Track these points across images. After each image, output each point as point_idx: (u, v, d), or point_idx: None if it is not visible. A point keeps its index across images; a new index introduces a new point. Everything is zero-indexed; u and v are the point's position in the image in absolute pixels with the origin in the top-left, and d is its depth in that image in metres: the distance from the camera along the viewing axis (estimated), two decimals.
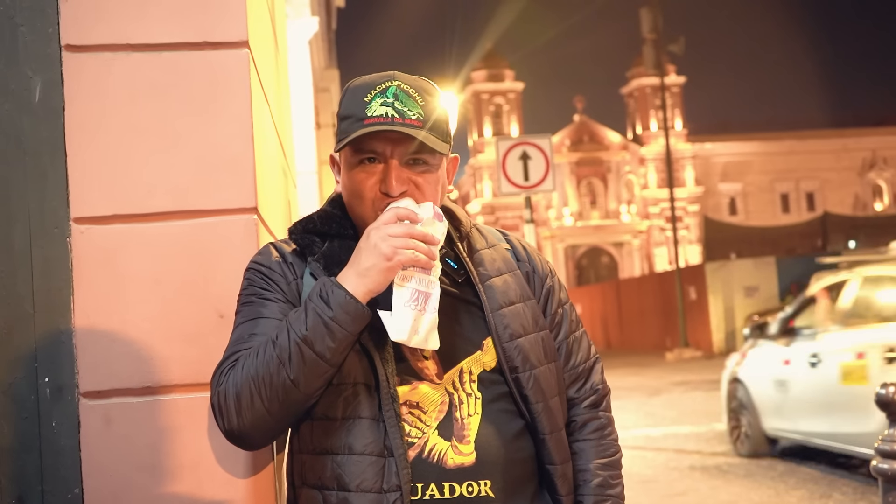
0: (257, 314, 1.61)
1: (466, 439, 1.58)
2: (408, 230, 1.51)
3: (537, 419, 1.65)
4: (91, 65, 1.82)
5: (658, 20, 29.58)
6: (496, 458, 1.59)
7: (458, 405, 1.60)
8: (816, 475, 7.33)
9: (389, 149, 1.60)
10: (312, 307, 1.50)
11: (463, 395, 1.61)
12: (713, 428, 10.34)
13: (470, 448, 1.58)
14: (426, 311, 1.55)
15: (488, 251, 1.76)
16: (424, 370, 1.62)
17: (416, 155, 1.62)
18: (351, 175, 1.65)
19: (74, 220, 1.80)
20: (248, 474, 1.80)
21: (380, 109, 1.59)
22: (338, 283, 1.51)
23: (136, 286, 1.80)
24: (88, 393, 1.78)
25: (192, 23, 1.84)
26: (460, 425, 1.59)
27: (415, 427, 1.58)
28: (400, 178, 1.61)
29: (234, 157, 1.85)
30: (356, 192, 1.64)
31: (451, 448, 1.58)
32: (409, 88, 1.62)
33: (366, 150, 1.61)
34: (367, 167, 1.62)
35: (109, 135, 1.82)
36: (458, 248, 1.74)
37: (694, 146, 61.82)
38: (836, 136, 64.50)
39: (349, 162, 1.65)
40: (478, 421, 1.60)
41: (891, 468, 3.30)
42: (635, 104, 63.88)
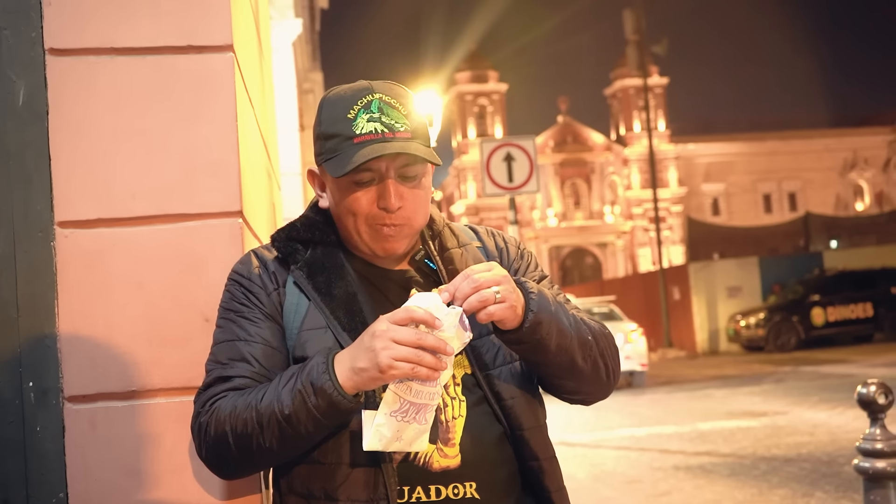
0: (235, 335, 1.60)
1: (451, 442, 1.58)
2: (418, 340, 1.41)
3: (512, 415, 1.63)
4: (75, 68, 1.82)
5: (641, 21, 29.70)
6: (481, 460, 1.59)
7: (443, 408, 1.59)
8: (799, 474, 7.37)
9: (385, 165, 1.58)
10: (299, 389, 1.46)
11: (447, 398, 1.61)
12: (697, 428, 10.39)
13: (455, 451, 1.58)
14: (416, 422, 1.47)
15: (458, 250, 1.74)
16: None
17: (409, 169, 1.60)
18: (344, 195, 1.61)
19: (59, 223, 1.80)
20: (234, 479, 1.80)
21: (367, 125, 1.56)
22: (330, 371, 1.45)
23: (121, 290, 1.80)
24: (73, 397, 1.78)
25: (176, 26, 1.84)
26: (445, 428, 1.58)
27: None
28: (398, 192, 1.59)
29: (219, 160, 1.85)
30: (352, 209, 1.61)
31: (437, 451, 1.57)
32: (391, 99, 1.60)
33: (363, 170, 1.57)
34: (362, 187, 1.60)
35: (94, 138, 1.81)
36: (429, 246, 1.73)
37: (677, 147, 62.08)
38: (818, 137, 64.92)
39: (341, 183, 1.61)
40: (462, 424, 1.60)
41: (872, 467, 3.32)
42: (619, 105, 64.09)
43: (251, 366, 1.56)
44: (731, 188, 64.07)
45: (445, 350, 1.41)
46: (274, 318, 1.61)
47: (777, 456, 8.27)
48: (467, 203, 59.55)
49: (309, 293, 1.61)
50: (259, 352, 1.58)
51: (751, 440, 9.27)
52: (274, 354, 1.59)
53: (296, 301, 1.62)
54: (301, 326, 1.60)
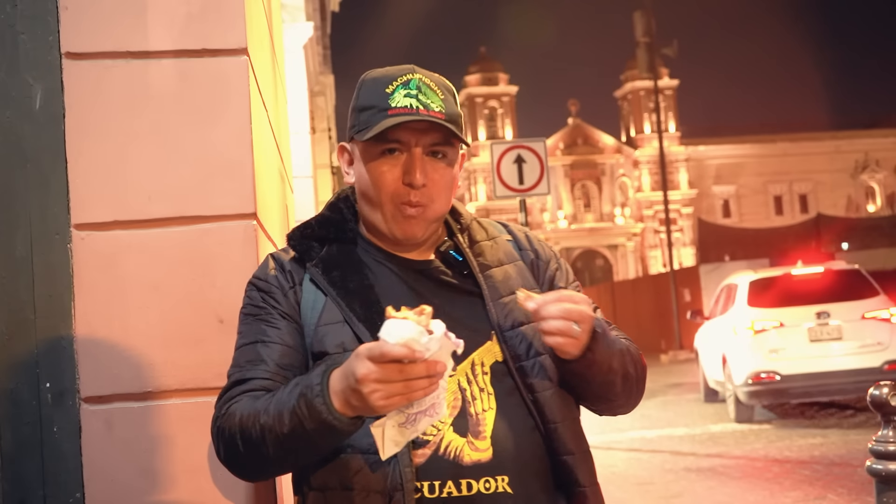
0: (254, 339, 1.58)
1: (482, 435, 1.55)
2: (404, 376, 1.32)
3: (545, 408, 1.59)
4: (91, 72, 1.83)
5: (651, 23, 29.64)
6: (513, 453, 1.56)
7: (472, 401, 1.57)
8: (811, 476, 7.35)
9: (414, 139, 1.58)
10: (296, 412, 1.41)
11: (476, 389, 1.58)
12: (708, 429, 10.37)
13: (486, 444, 1.55)
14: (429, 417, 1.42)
15: (488, 243, 1.72)
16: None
17: (439, 146, 1.60)
18: (371, 166, 1.60)
19: (75, 226, 1.81)
20: (256, 481, 1.81)
21: (404, 100, 1.57)
22: (325, 396, 1.39)
23: (137, 292, 1.82)
24: (89, 398, 1.80)
25: (191, 30, 1.86)
26: (475, 421, 1.56)
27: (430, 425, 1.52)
28: (424, 168, 1.58)
29: (233, 162, 1.87)
30: (376, 183, 1.60)
31: (468, 444, 1.54)
32: (430, 82, 1.61)
33: (390, 140, 1.57)
34: (388, 158, 1.59)
35: (110, 141, 1.83)
36: (458, 239, 1.71)
37: (687, 149, 61.90)
38: (829, 139, 64.64)
39: (369, 152, 1.60)
40: (493, 416, 1.57)
41: (885, 469, 3.31)
42: (629, 107, 63.96)
43: (268, 367, 1.55)
44: (741, 190, 63.87)
45: (437, 372, 1.34)
46: (292, 318, 1.60)
47: (789, 458, 8.25)
48: (478, 205, 59.50)
49: (325, 288, 1.60)
50: (277, 353, 1.56)
51: (762, 442, 9.25)
52: (293, 354, 1.58)
53: (312, 298, 1.60)
54: (318, 322, 1.58)
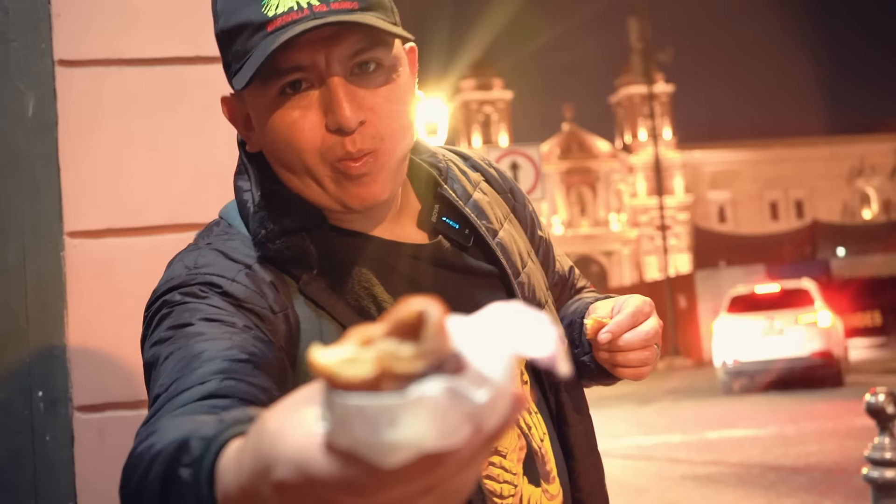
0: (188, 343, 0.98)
1: (551, 476, 1.17)
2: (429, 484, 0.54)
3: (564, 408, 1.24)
4: (84, 79, 1.83)
5: (646, 29, 29.74)
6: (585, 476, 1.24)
7: (529, 430, 1.15)
8: (808, 483, 7.34)
9: (322, 56, 1.02)
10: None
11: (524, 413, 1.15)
12: (704, 437, 10.36)
13: (556, 487, 1.17)
14: None
15: (479, 194, 1.24)
16: None
17: (364, 54, 1.04)
18: (273, 120, 1.05)
19: (68, 233, 1.80)
20: None
21: (285, 2, 1.01)
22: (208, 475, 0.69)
23: (130, 300, 1.81)
24: (82, 407, 1.78)
25: (185, 37, 1.85)
26: (541, 459, 1.16)
27: (504, 482, 1.10)
28: (352, 99, 1.02)
29: (226, 170, 1.84)
30: (289, 142, 1.05)
31: (543, 494, 1.15)
32: None
33: (285, 70, 1.02)
34: (293, 100, 1.04)
35: (103, 149, 1.82)
36: (447, 192, 1.19)
37: (683, 154, 62.04)
38: (825, 144, 64.86)
39: (262, 99, 1.06)
40: (549, 443, 1.19)
41: (881, 476, 3.32)
42: (624, 113, 64.07)
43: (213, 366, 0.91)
44: (737, 196, 64.02)
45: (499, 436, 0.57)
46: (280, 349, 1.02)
47: (785, 465, 8.24)
48: None
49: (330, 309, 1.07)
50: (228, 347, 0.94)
51: (759, 449, 9.24)
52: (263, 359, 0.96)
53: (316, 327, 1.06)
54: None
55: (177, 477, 0.72)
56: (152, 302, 1.07)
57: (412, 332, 0.49)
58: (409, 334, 0.49)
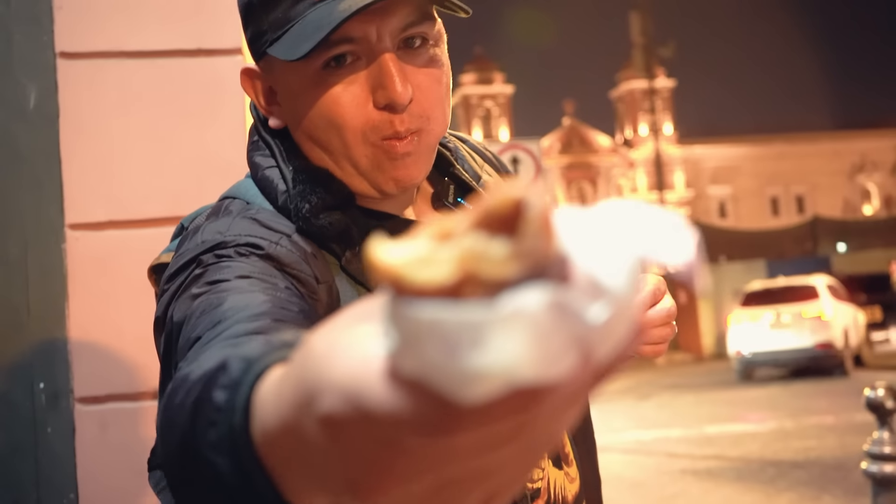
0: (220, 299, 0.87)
1: (570, 457, 1.14)
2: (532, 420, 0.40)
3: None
4: (85, 72, 1.83)
5: (647, 24, 29.71)
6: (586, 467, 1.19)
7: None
8: (807, 478, 7.35)
9: (374, 28, 0.96)
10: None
11: None
12: (704, 431, 10.37)
13: (575, 469, 1.14)
14: None
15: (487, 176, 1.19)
16: None
17: (414, 28, 0.99)
18: (315, 98, 0.99)
19: (69, 226, 1.81)
20: None
21: None
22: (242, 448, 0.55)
23: (132, 292, 1.81)
24: (84, 399, 1.79)
25: (186, 30, 1.85)
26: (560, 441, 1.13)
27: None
28: (404, 72, 0.98)
29: (228, 163, 1.86)
30: (332, 118, 0.99)
31: (565, 477, 1.12)
32: None
33: (334, 42, 0.95)
34: (339, 74, 0.97)
35: (104, 141, 1.82)
36: (460, 173, 1.15)
37: (684, 150, 62.04)
38: (826, 140, 64.90)
39: (302, 72, 0.99)
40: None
41: (880, 471, 3.32)
42: (625, 108, 64.07)
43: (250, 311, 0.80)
44: (738, 191, 64.03)
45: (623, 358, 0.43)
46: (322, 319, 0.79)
47: (785, 460, 8.25)
48: None
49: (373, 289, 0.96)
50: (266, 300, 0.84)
51: (758, 444, 9.25)
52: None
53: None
54: None
55: (210, 399, 0.59)
56: (182, 266, 0.96)
57: (507, 226, 0.36)
58: (502, 229, 0.36)
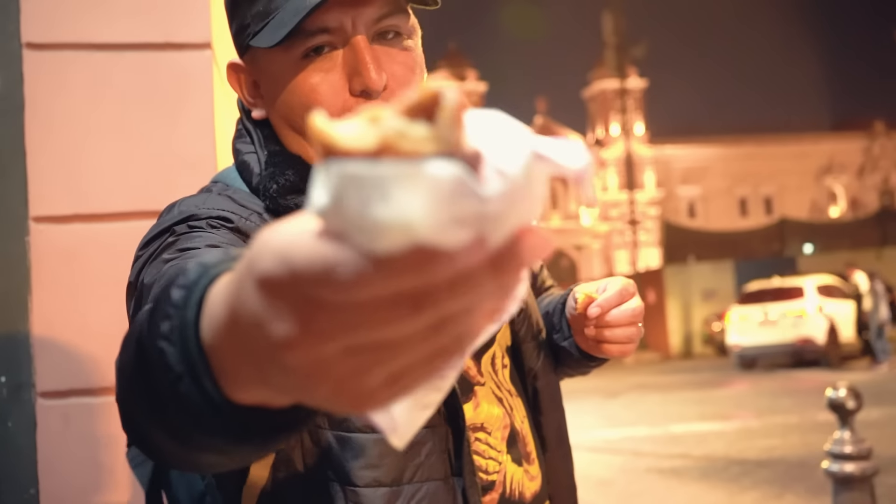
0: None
1: (531, 456, 1.19)
2: (421, 297, 0.44)
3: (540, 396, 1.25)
4: (52, 63, 1.81)
5: (620, 24, 29.85)
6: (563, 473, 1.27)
7: (511, 411, 1.17)
8: (771, 476, 7.43)
9: (349, 19, 1.01)
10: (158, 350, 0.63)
11: (506, 393, 1.18)
12: (669, 430, 10.45)
13: (536, 468, 1.19)
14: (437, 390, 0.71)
15: None
16: (469, 370, 1.14)
17: (388, 20, 1.03)
18: (295, 82, 1.03)
19: (34, 218, 1.79)
20: None
21: None
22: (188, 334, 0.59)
23: (96, 286, 1.80)
24: (46, 393, 1.77)
25: (155, 23, 1.84)
26: (522, 439, 1.18)
27: (490, 458, 1.12)
28: (378, 62, 1.02)
29: (196, 157, 1.85)
30: (306, 106, 1.03)
31: (524, 474, 1.16)
32: None
33: (311, 31, 1.01)
34: (317, 63, 1.02)
35: (70, 134, 1.81)
36: None
37: (654, 150, 62.46)
38: (794, 142, 65.58)
39: (282, 61, 1.04)
40: (528, 425, 1.21)
41: (841, 470, 3.37)
42: (597, 107, 64.39)
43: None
44: (707, 191, 64.57)
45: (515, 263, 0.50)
46: None
47: (749, 459, 8.33)
48: None
49: None
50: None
51: (723, 443, 9.34)
52: None
53: None
54: None
55: (168, 297, 0.62)
56: (157, 234, 1.02)
57: (427, 114, 0.43)
58: (423, 116, 0.43)
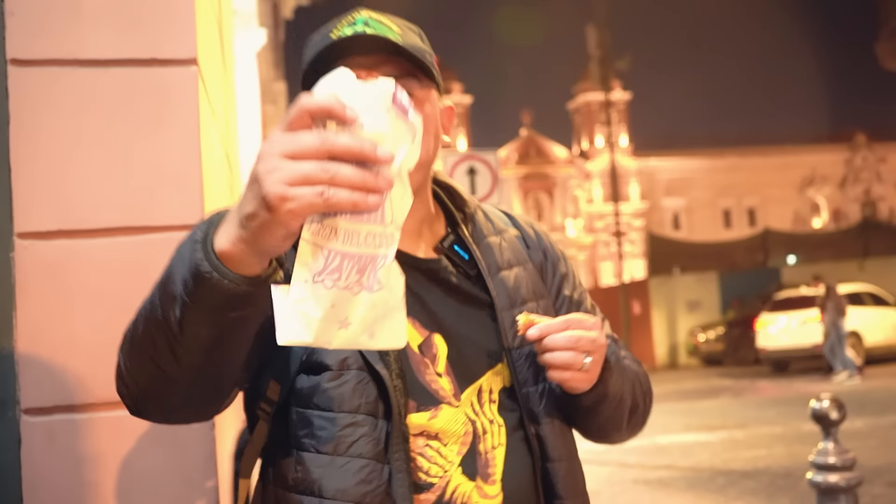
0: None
1: (492, 478, 1.30)
2: (321, 144, 0.90)
3: (547, 442, 1.37)
4: (37, 79, 1.81)
5: (605, 37, 30.00)
6: (521, 498, 1.33)
7: (482, 435, 1.31)
8: (756, 487, 7.45)
9: (364, 74, 1.24)
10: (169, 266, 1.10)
11: (485, 421, 1.32)
12: (655, 441, 10.46)
13: (496, 489, 1.30)
14: (363, 288, 0.95)
15: (496, 238, 1.44)
16: (440, 391, 1.30)
17: (401, 82, 1.17)
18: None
19: (18, 235, 1.79)
20: (195, 494, 1.80)
21: (347, 31, 1.27)
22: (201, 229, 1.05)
23: (82, 302, 1.79)
24: (30, 409, 1.77)
25: (140, 39, 1.84)
26: (484, 461, 1.30)
27: (434, 463, 1.28)
28: None
29: (181, 173, 1.85)
30: None
31: (476, 490, 1.29)
32: (383, 16, 1.32)
33: None
34: None
35: (55, 149, 1.81)
36: (462, 232, 1.41)
37: (639, 161, 62.68)
38: (777, 154, 65.91)
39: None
40: (503, 454, 1.32)
41: (825, 481, 3.38)
42: (582, 119, 64.56)
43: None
44: (691, 203, 64.81)
45: (371, 153, 0.90)
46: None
47: (734, 469, 8.35)
48: None
49: None
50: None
51: (708, 454, 9.36)
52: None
53: None
54: None
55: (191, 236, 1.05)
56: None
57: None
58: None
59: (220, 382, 1.19)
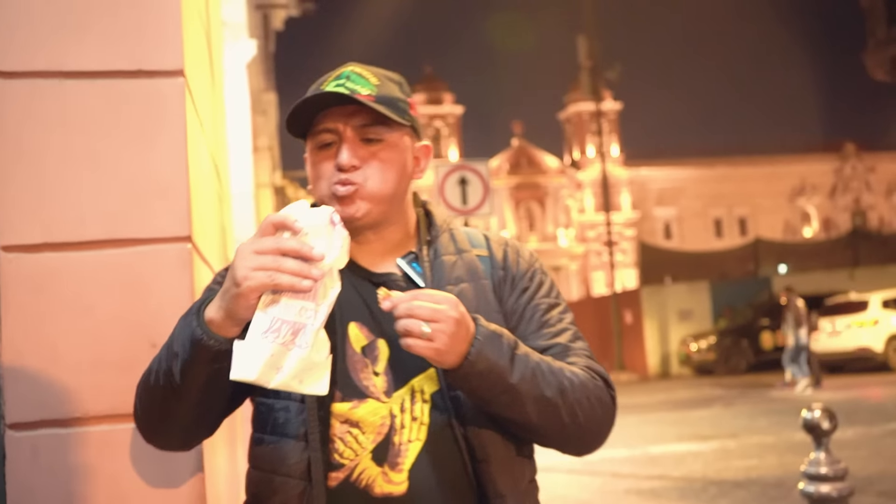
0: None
1: (400, 467, 1.49)
2: (275, 245, 1.32)
3: (475, 443, 1.51)
4: (23, 91, 1.80)
5: (595, 47, 30.10)
6: (433, 490, 1.49)
7: (399, 429, 1.50)
8: (748, 497, 7.44)
9: (342, 124, 1.55)
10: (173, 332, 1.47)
11: (407, 418, 1.51)
12: (648, 451, 10.45)
13: (402, 477, 1.49)
14: (295, 346, 1.32)
15: (452, 257, 1.63)
16: (370, 388, 1.52)
17: (370, 128, 1.55)
18: (313, 164, 1.59)
19: (3, 248, 1.77)
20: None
21: (330, 88, 1.55)
22: (197, 305, 1.44)
23: (67, 315, 1.78)
24: (15, 424, 1.75)
25: (127, 51, 1.84)
26: (396, 451, 1.49)
27: (349, 448, 1.50)
28: (354, 150, 1.54)
29: (168, 185, 1.84)
30: (317, 177, 1.58)
31: (382, 475, 1.49)
32: (365, 71, 1.59)
33: (320, 131, 1.56)
34: (325, 152, 1.57)
35: (41, 162, 1.79)
36: (422, 252, 1.63)
37: (630, 171, 62.80)
38: (768, 163, 66.10)
39: (312, 154, 1.60)
40: (418, 449, 1.50)
41: (817, 491, 3.38)
42: (573, 129, 64.70)
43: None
44: (682, 212, 64.94)
45: (308, 253, 1.31)
46: None
47: (727, 479, 8.34)
48: None
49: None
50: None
51: (701, 464, 9.35)
52: None
53: None
54: None
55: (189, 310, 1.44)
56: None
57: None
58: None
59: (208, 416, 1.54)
